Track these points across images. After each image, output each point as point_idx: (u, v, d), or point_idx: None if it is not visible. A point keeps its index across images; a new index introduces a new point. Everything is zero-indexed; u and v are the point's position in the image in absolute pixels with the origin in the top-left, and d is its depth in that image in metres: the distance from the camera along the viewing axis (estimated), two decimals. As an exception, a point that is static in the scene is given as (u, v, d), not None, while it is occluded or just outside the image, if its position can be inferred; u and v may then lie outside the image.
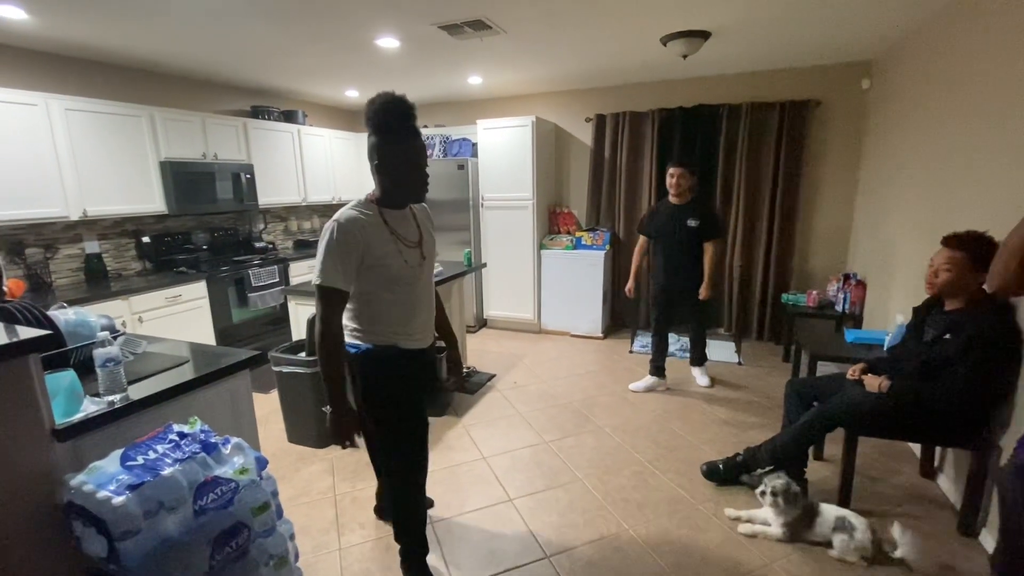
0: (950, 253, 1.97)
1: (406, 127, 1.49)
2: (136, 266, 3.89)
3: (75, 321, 1.57)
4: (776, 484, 2.04)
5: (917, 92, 3.06)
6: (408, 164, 1.53)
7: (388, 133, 1.48)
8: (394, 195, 1.58)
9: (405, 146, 1.50)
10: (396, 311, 1.59)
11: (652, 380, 3.57)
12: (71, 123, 3.18)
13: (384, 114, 1.46)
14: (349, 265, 1.47)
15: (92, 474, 1.16)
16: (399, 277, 1.56)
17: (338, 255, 1.46)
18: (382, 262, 1.51)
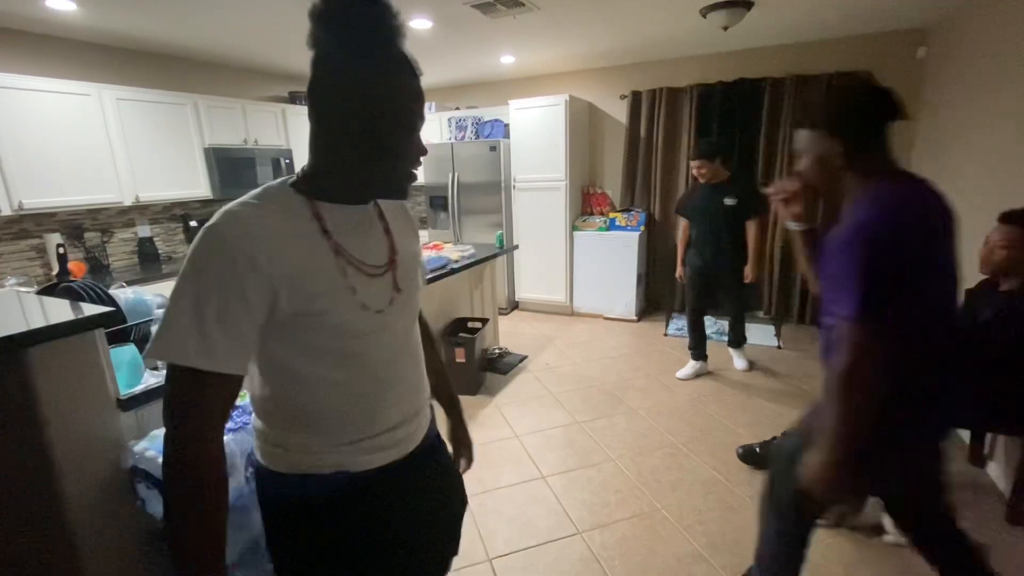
0: (1009, 230, 1.87)
1: (384, 41, 0.76)
2: (184, 249, 4.07)
3: (133, 300, 1.67)
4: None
5: (981, 61, 2.85)
6: (396, 112, 0.76)
7: (350, 45, 0.74)
8: (346, 176, 0.80)
9: (385, 76, 0.75)
10: (348, 400, 0.82)
11: (698, 365, 3.48)
12: (122, 112, 3.32)
13: (368, 5, 0.76)
14: (233, 317, 0.69)
15: (154, 441, 1.25)
16: (352, 334, 0.80)
17: (207, 295, 0.68)
18: (316, 308, 0.75)
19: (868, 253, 1.03)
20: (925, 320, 1.10)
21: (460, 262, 3.28)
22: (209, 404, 0.71)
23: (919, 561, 1.82)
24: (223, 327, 0.69)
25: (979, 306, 2.02)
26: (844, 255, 1.06)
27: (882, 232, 1.04)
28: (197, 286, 0.69)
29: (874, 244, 1.03)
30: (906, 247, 1.04)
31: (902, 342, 1.06)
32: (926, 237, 1.07)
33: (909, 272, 1.05)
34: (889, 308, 1.03)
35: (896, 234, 1.04)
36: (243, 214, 0.72)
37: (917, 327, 1.09)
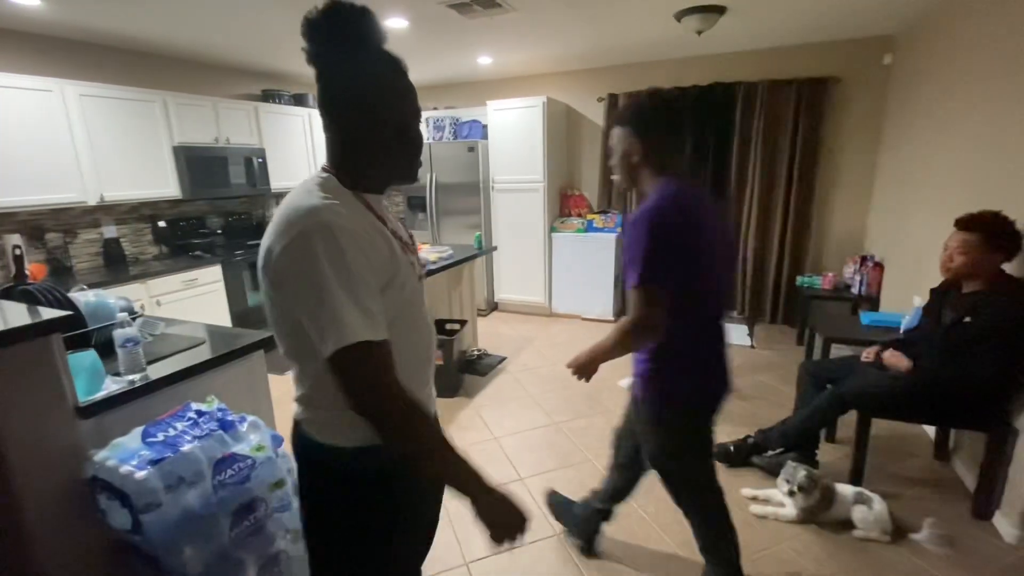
0: (964, 235, 1.93)
1: (383, 47, 0.92)
2: (153, 250, 3.95)
3: (95, 303, 1.61)
4: (800, 479, 2.01)
5: (943, 68, 2.95)
6: (411, 108, 0.92)
7: (384, 60, 0.89)
8: (379, 169, 0.92)
9: (399, 77, 0.90)
10: (413, 365, 0.93)
11: None
12: (86, 109, 3.21)
13: (371, 31, 0.89)
14: (373, 293, 0.82)
15: (115, 450, 1.20)
16: (418, 301, 0.96)
17: (352, 283, 0.78)
18: (397, 282, 0.88)
19: (649, 234, 1.25)
20: (695, 296, 1.34)
21: (438, 263, 3.26)
22: (388, 363, 0.81)
23: (886, 554, 1.88)
24: (373, 303, 0.80)
25: (944, 308, 2.09)
26: (632, 235, 1.28)
27: (660, 218, 1.26)
28: (339, 279, 0.77)
29: (653, 227, 1.25)
30: (676, 233, 1.27)
31: (678, 312, 1.29)
32: (691, 228, 1.29)
33: (680, 253, 1.27)
34: (665, 281, 1.26)
35: (670, 221, 1.26)
36: (331, 209, 0.81)
37: (690, 301, 1.32)
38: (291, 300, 0.81)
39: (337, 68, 0.86)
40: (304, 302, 0.79)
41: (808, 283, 4.10)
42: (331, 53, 0.86)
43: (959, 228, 1.96)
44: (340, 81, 0.87)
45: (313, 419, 0.93)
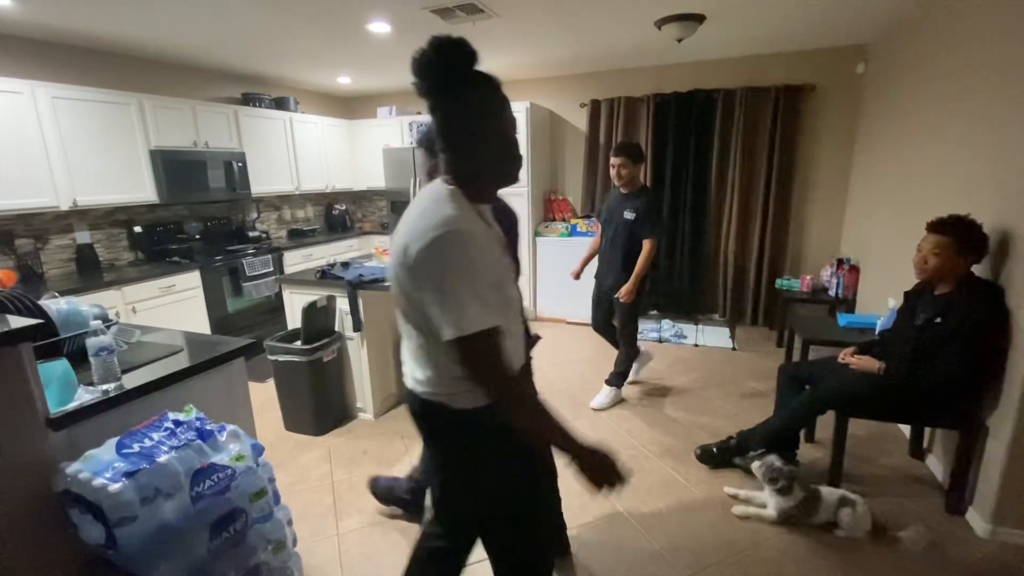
0: (936, 238, 1.99)
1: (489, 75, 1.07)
2: (128, 256, 3.86)
3: (67, 311, 1.56)
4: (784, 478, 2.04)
5: (911, 77, 3.05)
6: (512, 123, 1.09)
7: (486, 86, 1.04)
8: (492, 181, 1.10)
9: (501, 93, 1.06)
10: (514, 345, 1.12)
11: (611, 392, 3.14)
12: (59, 111, 3.13)
13: (473, 60, 1.02)
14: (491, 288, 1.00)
15: (88, 462, 1.17)
16: (513, 295, 1.15)
17: (477, 279, 0.97)
18: (506, 280, 1.10)
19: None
20: None
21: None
22: (500, 347, 0.99)
23: (865, 552, 1.91)
24: (491, 297, 0.97)
25: (918, 309, 2.14)
26: None
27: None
28: (465, 277, 0.95)
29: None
30: None
31: None
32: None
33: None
34: None
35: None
36: (462, 218, 0.98)
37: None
38: (424, 293, 0.97)
39: (453, 102, 1.02)
40: (434, 295, 0.95)
41: (787, 286, 4.17)
42: (444, 88, 1.01)
43: (931, 231, 2.02)
44: (456, 114, 1.03)
45: (445, 391, 1.08)
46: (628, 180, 2.91)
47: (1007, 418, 1.87)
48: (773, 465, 2.06)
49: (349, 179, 5.63)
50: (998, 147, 2.06)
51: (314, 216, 5.66)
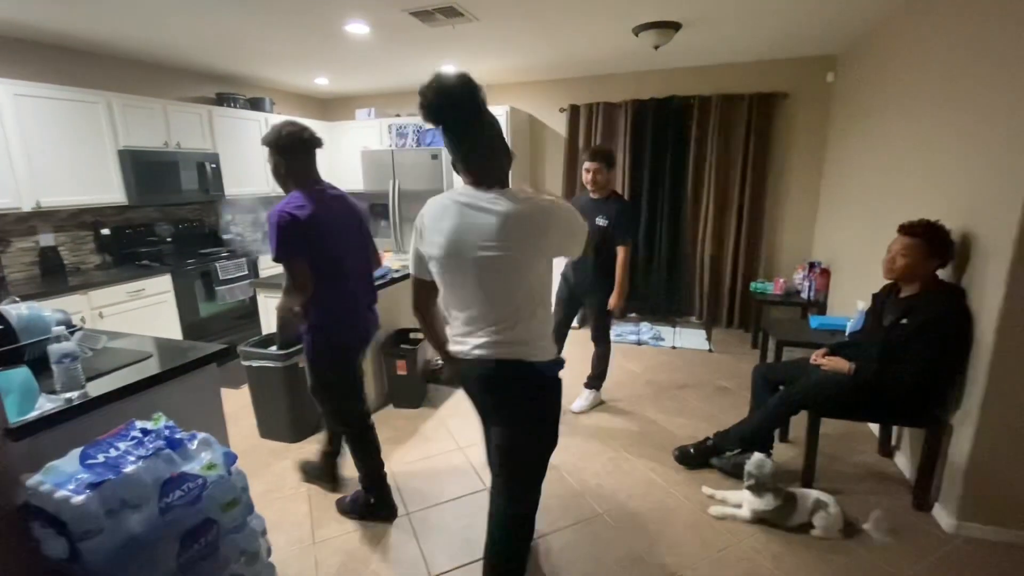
0: (907, 240, 2.05)
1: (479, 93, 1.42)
2: (95, 259, 3.74)
3: (28, 316, 1.50)
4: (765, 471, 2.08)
5: (876, 87, 3.15)
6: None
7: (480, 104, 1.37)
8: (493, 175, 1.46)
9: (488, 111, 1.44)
10: None
11: (591, 395, 3.18)
12: (21, 109, 3.02)
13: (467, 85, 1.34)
14: None
15: (50, 474, 1.12)
16: None
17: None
18: None
19: (277, 226, 1.79)
20: (320, 271, 1.88)
21: (401, 271, 3.22)
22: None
23: (838, 549, 1.96)
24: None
25: (885, 311, 2.21)
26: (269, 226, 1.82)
27: (280, 216, 1.80)
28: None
29: (279, 222, 1.79)
30: (293, 226, 1.80)
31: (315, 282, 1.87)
32: (307, 224, 1.82)
33: (298, 240, 1.81)
34: (295, 259, 1.82)
35: (285, 218, 1.79)
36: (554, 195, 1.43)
37: (317, 275, 1.87)
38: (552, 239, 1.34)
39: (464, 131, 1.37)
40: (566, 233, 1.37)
41: (761, 289, 4.26)
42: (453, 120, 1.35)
43: (902, 233, 2.08)
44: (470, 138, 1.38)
45: (526, 349, 1.36)
46: (602, 185, 2.87)
47: (970, 417, 1.94)
48: (760, 474, 2.07)
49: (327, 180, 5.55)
50: (961, 154, 2.14)
51: (291, 219, 5.56)
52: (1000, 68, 1.89)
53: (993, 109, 1.92)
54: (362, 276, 2.08)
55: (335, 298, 1.95)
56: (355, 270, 2.03)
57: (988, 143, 1.94)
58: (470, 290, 1.34)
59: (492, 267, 1.29)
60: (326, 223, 1.88)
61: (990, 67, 1.96)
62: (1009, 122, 1.81)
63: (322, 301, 1.92)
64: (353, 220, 2.03)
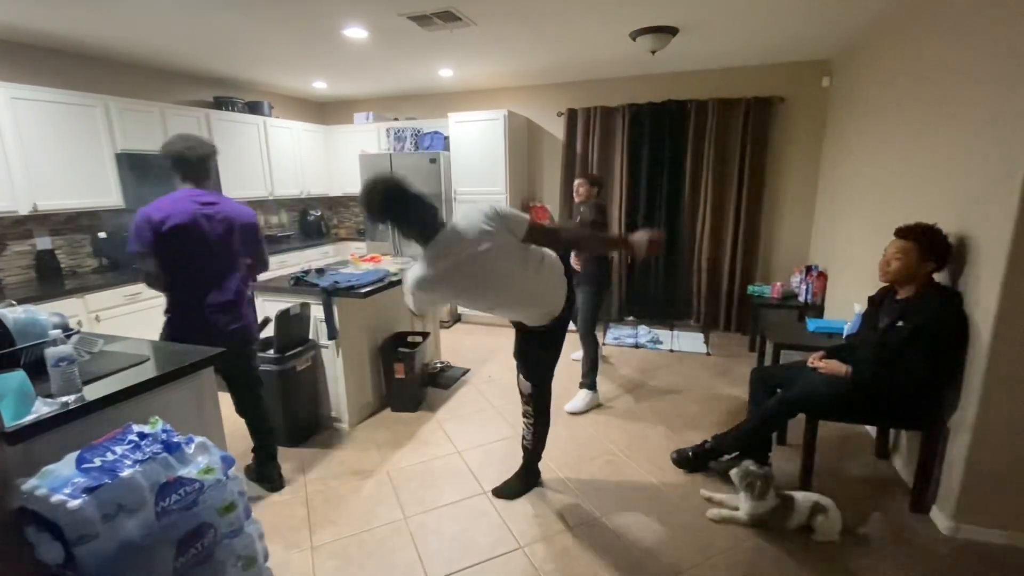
0: (901, 243, 2.06)
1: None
2: (92, 263, 3.73)
3: (24, 319, 1.50)
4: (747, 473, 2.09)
5: (872, 91, 3.18)
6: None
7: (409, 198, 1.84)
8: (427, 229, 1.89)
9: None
10: None
11: (586, 395, 3.21)
12: (18, 112, 3.01)
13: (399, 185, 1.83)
14: None
15: (45, 478, 1.11)
16: None
17: None
18: None
19: (134, 224, 2.01)
20: (171, 270, 2.08)
21: (399, 275, 3.22)
22: None
23: (837, 552, 1.96)
24: None
25: (880, 314, 2.22)
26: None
27: (138, 215, 2.02)
28: None
29: (136, 221, 2.00)
30: (145, 226, 2.00)
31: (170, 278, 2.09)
32: (159, 225, 2.00)
33: (147, 239, 2.00)
34: (142, 255, 2.03)
35: (140, 218, 2.01)
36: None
37: (171, 274, 2.08)
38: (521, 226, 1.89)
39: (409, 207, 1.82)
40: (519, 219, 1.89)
41: (758, 292, 4.27)
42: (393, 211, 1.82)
43: (898, 236, 2.09)
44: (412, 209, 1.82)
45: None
46: (586, 196, 3.36)
47: (967, 419, 1.95)
48: (748, 469, 2.10)
49: (325, 185, 5.56)
50: (956, 157, 2.15)
51: (288, 222, 5.57)
52: (994, 72, 1.91)
53: (987, 112, 1.93)
54: (218, 280, 2.18)
55: (184, 296, 2.12)
56: (213, 274, 2.17)
57: (982, 146, 1.95)
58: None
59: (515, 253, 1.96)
60: (183, 228, 2.04)
61: (984, 71, 1.98)
62: (1003, 125, 1.83)
63: (174, 296, 2.13)
64: (224, 230, 2.17)
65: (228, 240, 2.19)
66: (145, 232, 1.99)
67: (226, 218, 2.18)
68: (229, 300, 2.19)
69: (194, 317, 2.13)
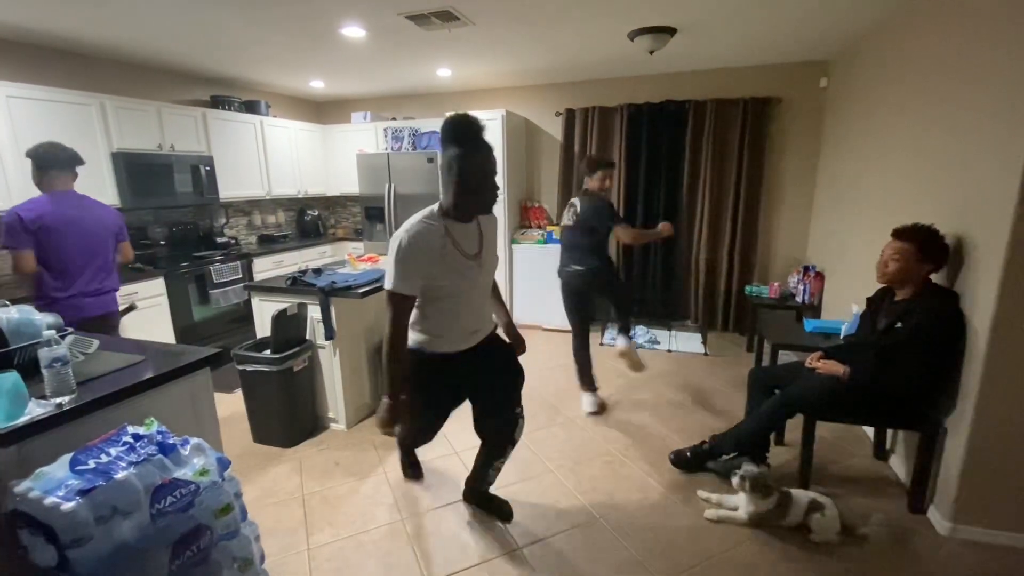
0: (899, 244, 2.06)
1: (482, 140, 1.62)
2: (88, 263, 3.70)
3: (18, 320, 1.48)
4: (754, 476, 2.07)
5: (869, 92, 3.18)
6: (483, 174, 1.62)
7: (467, 143, 1.58)
8: (466, 206, 1.67)
9: (482, 156, 1.61)
10: (440, 318, 1.75)
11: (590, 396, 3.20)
12: (13, 111, 2.99)
13: (463, 128, 1.59)
14: (414, 273, 1.60)
15: (39, 480, 1.10)
16: (451, 290, 1.70)
17: (404, 264, 1.58)
18: (438, 277, 1.64)
19: (6, 222, 2.29)
20: (46, 261, 2.38)
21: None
22: (407, 310, 1.66)
23: (835, 553, 1.95)
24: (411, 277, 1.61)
25: (879, 314, 2.22)
26: None
27: (10, 214, 2.31)
28: (404, 258, 1.59)
29: (8, 219, 2.26)
30: (18, 223, 2.29)
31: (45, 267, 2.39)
32: (31, 223, 2.30)
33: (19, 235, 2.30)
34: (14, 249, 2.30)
35: (13, 216, 2.30)
36: (420, 228, 1.63)
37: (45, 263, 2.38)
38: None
39: (458, 147, 1.60)
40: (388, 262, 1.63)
41: (756, 292, 4.28)
42: (457, 136, 1.60)
43: (895, 237, 2.09)
44: (458, 156, 1.59)
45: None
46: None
47: (964, 419, 1.95)
48: (753, 472, 2.08)
49: (322, 184, 5.55)
50: (953, 158, 2.16)
51: (285, 222, 5.55)
52: (991, 73, 1.91)
53: (985, 113, 1.94)
54: (88, 270, 2.51)
55: (58, 284, 2.43)
56: (85, 264, 2.50)
57: (980, 147, 1.95)
58: None
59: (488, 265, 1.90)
60: (54, 225, 2.36)
61: (982, 71, 1.98)
62: (1001, 125, 1.83)
63: (49, 284, 2.41)
64: (94, 226, 2.53)
65: (101, 235, 2.59)
66: (17, 228, 2.32)
67: (100, 217, 2.57)
68: (101, 286, 2.58)
69: (68, 303, 2.44)
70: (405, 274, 1.58)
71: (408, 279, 1.59)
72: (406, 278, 1.58)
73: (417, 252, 1.58)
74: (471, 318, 1.82)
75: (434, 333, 1.76)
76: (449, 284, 1.67)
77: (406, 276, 1.58)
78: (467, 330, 1.81)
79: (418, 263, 1.59)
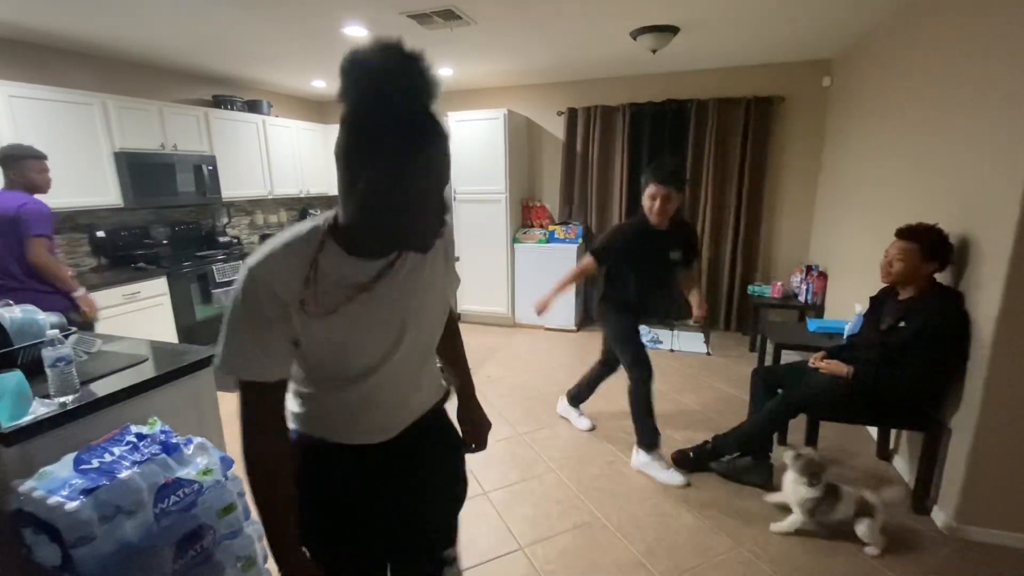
0: (903, 244, 2.06)
1: (412, 122, 0.76)
2: (90, 262, 3.71)
3: (21, 319, 1.49)
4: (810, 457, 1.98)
5: (872, 91, 3.17)
6: (416, 191, 0.78)
7: (393, 125, 0.74)
8: (374, 237, 0.85)
9: (422, 156, 0.76)
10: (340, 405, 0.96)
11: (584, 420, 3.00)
12: (16, 111, 3.00)
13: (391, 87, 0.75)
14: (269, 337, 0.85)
15: (43, 479, 1.11)
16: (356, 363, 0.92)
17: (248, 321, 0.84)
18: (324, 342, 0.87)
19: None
20: None
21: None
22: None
23: (838, 552, 1.95)
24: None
25: (883, 314, 2.21)
26: None
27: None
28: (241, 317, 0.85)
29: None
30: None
31: None
32: None
33: None
34: None
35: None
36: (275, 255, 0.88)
37: None
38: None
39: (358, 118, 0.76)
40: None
41: (758, 292, 4.27)
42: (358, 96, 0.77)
43: (899, 237, 2.09)
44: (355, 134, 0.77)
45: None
46: (672, 211, 2.41)
47: (968, 420, 1.94)
48: (808, 454, 1.98)
49: (324, 183, 5.55)
50: (957, 157, 2.15)
51: (288, 221, 5.55)
52: (995, 71, 1.90)
53: (989, 111, 1.93)
54: None
55: None
56: None
57: (984, 146, 1.94)
58: None
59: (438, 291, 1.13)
60: None
61: (985, 70, 1.97)
62: (1005, 124, 1.82)
63: None
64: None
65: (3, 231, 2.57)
66: None
67: (5, 214, 2.54)
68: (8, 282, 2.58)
69: None
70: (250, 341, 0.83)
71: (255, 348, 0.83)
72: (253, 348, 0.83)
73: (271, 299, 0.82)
74: (397, 391, 0.98)
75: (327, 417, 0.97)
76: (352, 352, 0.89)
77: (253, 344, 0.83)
78: (391, 409, 1.00)
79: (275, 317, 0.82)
